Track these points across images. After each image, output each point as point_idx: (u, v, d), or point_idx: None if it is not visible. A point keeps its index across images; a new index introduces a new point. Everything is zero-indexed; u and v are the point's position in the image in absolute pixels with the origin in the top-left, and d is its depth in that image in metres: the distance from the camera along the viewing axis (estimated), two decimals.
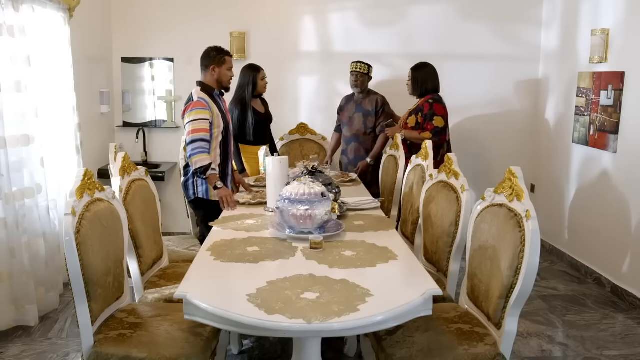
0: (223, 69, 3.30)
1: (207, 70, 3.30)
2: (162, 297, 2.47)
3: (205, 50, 3.36)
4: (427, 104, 4.03)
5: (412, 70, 4.14)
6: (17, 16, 3.12)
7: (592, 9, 4.15)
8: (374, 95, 4.39)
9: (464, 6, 4.92)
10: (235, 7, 4.93)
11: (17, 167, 3.16)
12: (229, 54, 3.36)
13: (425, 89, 4.08)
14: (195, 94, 3.21)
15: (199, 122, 3.08)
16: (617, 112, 3.78)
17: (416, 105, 4.10)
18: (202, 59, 3.34)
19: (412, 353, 1.97)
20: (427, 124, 3.97)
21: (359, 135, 4.40)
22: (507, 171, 2.11)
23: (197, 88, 3.26)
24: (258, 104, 4.18)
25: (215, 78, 3.29)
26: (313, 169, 2.96)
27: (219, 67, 3.28)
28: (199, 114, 3.11)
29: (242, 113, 4.04)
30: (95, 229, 2.04)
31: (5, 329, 3.14)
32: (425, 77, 4.10)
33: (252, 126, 4.05)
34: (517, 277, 1.92)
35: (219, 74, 3.29)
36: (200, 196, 3.20)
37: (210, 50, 3.33)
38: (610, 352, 3.02)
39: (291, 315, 1.63)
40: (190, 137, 3.05)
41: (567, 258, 4.45)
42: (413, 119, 4.05)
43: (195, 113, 3.10)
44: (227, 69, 3.32)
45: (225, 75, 3.33)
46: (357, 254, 2.20)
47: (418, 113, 4.04)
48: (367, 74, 4.37)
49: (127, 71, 5.02)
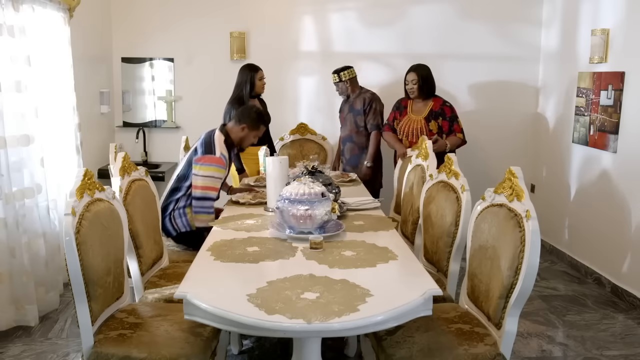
0: (252, 134, 3.23)
1: (238, 125, 3.19)
2: (162, 297, 2.47)
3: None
4: (446, 107, 4.04)
5: (415, 72, 4.09)
6: (17, 16, 3.12)
7: (592, 9, 4.15)
8: (364, 94, 4.40)
9: (464, 6, 4.92)
10: (235, 7, 4.93)
11: (17, 167, 3.16)
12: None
13: (432, 89, 4.08)
14: (218, 145, 3.08)
15: (214, 181, 3.05)
16: (617, 112, 3.78)
17: (429, 109, 4.05)
18: (239, 113, 3.24)
19: (412, 353, 1.97)
20: (455, 125, 3.99)
21: (352, 134, 4.43)
22: (507, 171, 2.11)
23: (220, 135, 3.12)
24: (256, 104, 4.18)
25: (240, 136, 3.21)
26: (313, 169, 2.96)
27: (250, 130, 3.21)
28: (217, 172, 3.06)
29: None
30: (95, 229, 2.04)
31: (5, 329, 3.14)
32: (431, 78, 4.10)
33: None
34: (517, 277, 1.92)
35: (246, 135, 3.22)
36: (183, 230, 3.13)
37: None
38: (610, 352, 3.02)
39: (291, 315, 1.63)
40: (201, 193, 3.02)
41: (567, 258, 4.45)
42: (434, 125, 4.00)
43: (213, 170, 3.04)
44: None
45: (250, 140, 3.27)
46: (357, 254, 2.20)
47: (438, 118, 4.00)
48: (339, 82, 4.39)
49: (127, 71, 5.02)
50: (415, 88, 4.07)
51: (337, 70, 4.43)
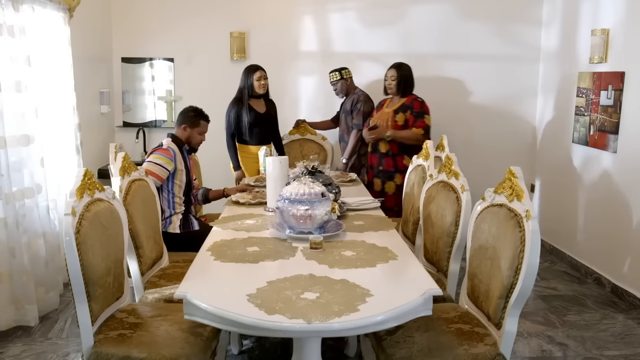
0: (195, 131, 3.30)
1: (180, 127, 3.30)
2: (162, 297, 2.47)
3: (185, 108, 3.36)
4: (416, 102, 4.05)
5: (395, 69, 4.13)
6: (17, 16, 3.12)
7: (592, 9, 4.15)
8: (354, 94, 4.46)
9: (464, 6, 4.92)
10: (235, 7, 4.93)
11: (17, 167, 3.16)
12: (205, 119, 3.34)
13: (409, 88, 4.11)
14: (166, 143, 3.22)
15: (154, 166, 3.07)
16: (617, 112, 3.78)
17: (401, 103, 4.08)
18: (179, 115, 3.35)
19: (412, 353, 1.97)
20: (419, 121, 3.97)
21: (344, 134, 4.53)
22: (507, 171, 2.11)
23: (168, 139, 3.26)
24: (259, 103, 4.20)
25: (185, 136, 3.29)
26: (313, 169, 2.96)
27: (191, 128, 3.28)
28: (159, 158, 3.11)
29: (237, 112, 4.14)
30: (95, 229, 2.04)
31: (5, 329, 3.14)
32: (409, 76, 4.13)
33: (246, 125, 4.12)
34: (517, 277, 1.92)
35: (189, 134, 3.29)
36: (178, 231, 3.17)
37: (188, 110, 3.33)
38: (610, 352, 3.01)
39: (291, 315, 1.63)
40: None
41: (567, 258, 4.45)
42: (402, 117, 4.02)
43: (158, 157, 3.11)
44: (198, 132, 3.31)
45: (195, 137, 3.32)
46: (357, 254, 2.20)
47: (406, 110, 4.02)
48: (340, 79, 4.45)
49: (127, 71, 5.02)
50: (394, 84, 4.12)
51: (337, 69, 4.46)
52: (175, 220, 3.18)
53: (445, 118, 5.01)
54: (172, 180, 3.19)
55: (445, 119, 5.00)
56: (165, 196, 3.18)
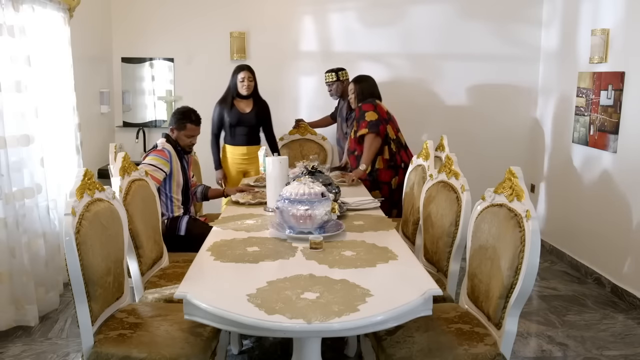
0: (181, 134, 3.28)
1: (169, 129, 3.31)
2: (162, 297, 2.47)
3: (176, 109, 3.35)
4: (357, 109, 3.95)
5: (353, 82, 4.02)
6: (17, 16, 3.12)
7: (592, 9, 4.15)
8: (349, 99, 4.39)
9: (464, 6, 4.92)
10: (235, 7, 4.93)
11: (17, 167, 3.16)
12: (192, 122, 3.27)
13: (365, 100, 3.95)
14: (161, 143, 3.22)
15: (149, 167, 3.06)
16: (617, 112, 3.78)
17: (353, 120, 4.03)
18: (171, 117, 3.34)
19: (412, 353, 1.97)
20: (362, 123, 3.82)
21: (340, 139, 4.52)
22: (507, 171, 2.11)
23: (162, 139, 3.26)
24: (246, 103, 4.16)
25: (174, 138, 3.29)
26: (313, 169, 2.96)
27: (177, 130, 3.27)
28: (155, 160, 3.12)
29: (220, 112, 4.16)
30: (95, 229, 2.04)
31: (5, 329, 3.14)
32: (367, 90, 3.96)
33: (228, 125, 4.14)
34: (517, 277, 1.92)
35: (177, 137, 3.29)
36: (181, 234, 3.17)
37: (177, 112, 3.31)
38: (610, 352, 3.01)
39: (291, 315, 1.63)
40: None
41: (567, 258, 4.45)
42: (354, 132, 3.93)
43: (154, 159, 3.12)
44: (185, 135, 3.28)
45: (183, 140, 3.29)
46: (357, 254, 2.20)
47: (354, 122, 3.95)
48: (336, 81, 4.41)
49: (127, 71, 5.02)
50: (353, 97, 4.02)
51: (334, 69, 4.42)
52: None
53: (445, 118, 5.02)
54: (170, 182, 3.19)
55: (445, 119, 5.01)
56: (163, 199, 3.18)
